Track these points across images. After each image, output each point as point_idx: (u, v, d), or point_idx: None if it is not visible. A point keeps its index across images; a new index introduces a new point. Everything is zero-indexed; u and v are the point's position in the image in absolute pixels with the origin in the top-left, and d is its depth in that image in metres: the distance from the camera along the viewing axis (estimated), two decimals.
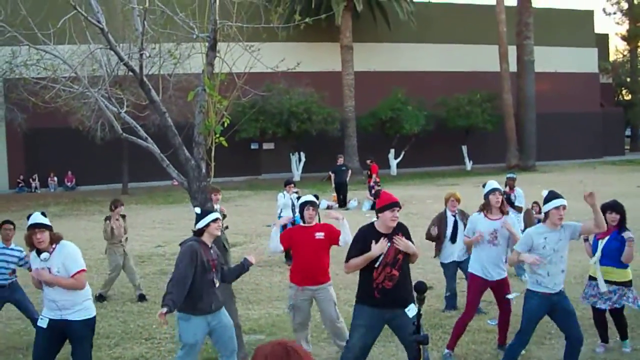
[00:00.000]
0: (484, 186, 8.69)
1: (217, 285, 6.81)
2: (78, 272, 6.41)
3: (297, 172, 36.94)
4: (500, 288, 8.19)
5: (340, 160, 26.32)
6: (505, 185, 12.75)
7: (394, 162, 39.02)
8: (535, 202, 13.22)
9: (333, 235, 7.98)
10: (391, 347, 8.30)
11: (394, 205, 6.54)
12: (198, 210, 6.92)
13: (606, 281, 7.96)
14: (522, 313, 7.15)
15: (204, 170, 7.41)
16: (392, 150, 39.07)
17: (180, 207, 24.60)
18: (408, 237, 6.71)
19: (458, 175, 37.13)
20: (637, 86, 54.40)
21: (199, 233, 6.83)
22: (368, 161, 26.62)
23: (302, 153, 37.51)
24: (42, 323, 6.51)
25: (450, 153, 41.55)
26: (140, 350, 8.70)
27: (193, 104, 7.61)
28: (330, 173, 26.15)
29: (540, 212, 12.13)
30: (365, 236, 6.66)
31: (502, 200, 8.31)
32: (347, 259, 6.72)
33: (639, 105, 51.79)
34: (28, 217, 6.44)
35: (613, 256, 7.89)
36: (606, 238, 7.96)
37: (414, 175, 36.92)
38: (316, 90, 35.61)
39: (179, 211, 23.41)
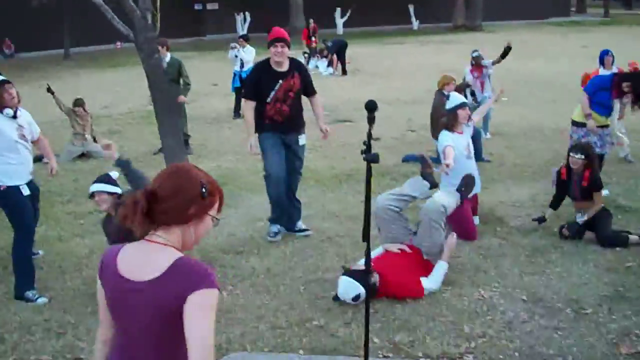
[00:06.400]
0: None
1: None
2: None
3: (242, 33, 36.22)
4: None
5: None
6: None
7: (340, 21, 38.50)
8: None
9: None
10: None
11: (276, 40, 6.72)
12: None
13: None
14: None
15: (149, 21, 7.32)
16: (338, 9, 38.46)
17: (124, 71, 24.17)
18: (305, 75, 6.99)
19: (404, 34, 36.96)
20: None
21: None
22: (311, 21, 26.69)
23: (247, 13, 36.69)
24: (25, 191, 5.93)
25: (397, 12, 41.09)
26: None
27: None
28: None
29: None
30: (260, 72, 6.93)
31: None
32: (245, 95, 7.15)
33: None
34: None
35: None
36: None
37: (360, 35, 36.56)
38: None
39: (123, 74, 23.04)
